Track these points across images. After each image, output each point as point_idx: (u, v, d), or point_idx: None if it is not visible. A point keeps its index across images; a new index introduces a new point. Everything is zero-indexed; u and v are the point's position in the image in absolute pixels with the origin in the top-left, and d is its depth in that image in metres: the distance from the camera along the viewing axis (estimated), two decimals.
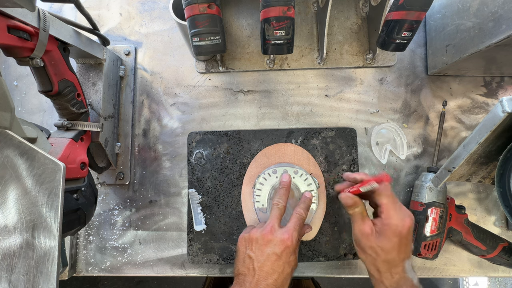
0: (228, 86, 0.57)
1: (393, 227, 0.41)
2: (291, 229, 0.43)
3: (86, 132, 0.45)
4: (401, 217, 0.41)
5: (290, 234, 0.43)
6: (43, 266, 0.28)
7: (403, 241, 0.40)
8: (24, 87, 0.59)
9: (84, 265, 0.55)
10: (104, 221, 0.56)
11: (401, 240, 0.40)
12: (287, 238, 0.42)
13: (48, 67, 0.37)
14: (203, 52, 0.44)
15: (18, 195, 0.28)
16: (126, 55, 0.58)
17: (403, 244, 0.40)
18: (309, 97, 0.57)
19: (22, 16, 0.32)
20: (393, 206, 0.42)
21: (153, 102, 0.58)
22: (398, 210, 0.42)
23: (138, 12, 0.60)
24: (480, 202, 0.55)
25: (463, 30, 0.46)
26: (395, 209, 0.42)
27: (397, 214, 0.41)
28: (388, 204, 0.42)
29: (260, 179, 0.49)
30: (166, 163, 0.56)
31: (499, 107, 0.33)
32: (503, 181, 0.35)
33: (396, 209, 0.42)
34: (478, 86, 0.56)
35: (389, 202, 0.42)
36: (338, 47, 0.57)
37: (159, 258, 0.55)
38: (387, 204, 0.42)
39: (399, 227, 0.40)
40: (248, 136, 0.55)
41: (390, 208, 0.42)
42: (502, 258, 0.50)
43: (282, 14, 0.40)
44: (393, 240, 0.40)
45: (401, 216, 0.41)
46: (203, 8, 0.41)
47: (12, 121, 0.29)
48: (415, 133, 0.56)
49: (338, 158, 0.54)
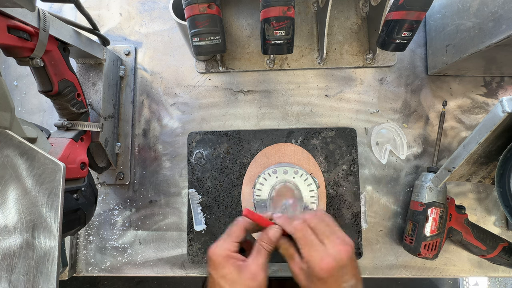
0: (228, 86, 0.57)
1: (311, 270, 0.33)
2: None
3: (86, 132, 0.45)
4: (319, 256, 0.33)
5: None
6: (43, 266, 0.28)
7: (330, 284, 0.33)
8: (24, 87, 0.59)
9: (84, 265, 0.55)
10: (104, 221, 0.56)
11: (326, 284, 0.33)
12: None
13: (48, 67, 0.37)
14: (203, 52, 0.44)
15: (18, 195, 0.28)
16: (126, 55, 0.58)
17: (331, 285, 0.33)
18: (309, 97, 0.57)
19: (22, 16, 0.32)
20: (304, 240, 0.35)
21: (153, 102, 0.58)
22: (312, 246, 0.34)
23: (138, 12, 0.60)
24: (480, 202, 0.55)
25: (463, 30, 0.46)
26: (307, 246, 0.34)
27: (310, 253, 0.34)
28: (300, 242, 0.35)
29: (260, 179, 0.49)
30: (166, 163, 0.56)
31: (499, 107, 0.33)
32: (503, 181, 0.35)
33: (308, 244, 0.34)
34: (478, 86, 0.56)
35: (300, 240, 0.35)
36: (338, 47, 0.57)
37: (159, 258, 0.55)
38: (299, 243, 0.35)
39: (316, 270, 0.33)
40: (248, 136, 0.55)
41: (304, 246, 0.35)
42: (502, 258, 0.50)
43: (282, 14, 0.40)
44: (317, 283, 0.33)
45: (320, 255, 0.33)
46: (203, 8, 0.41)
47: (12, 121, 0.29)
48: (415, 133, 0.56)
49: (338, 158, 0.54)
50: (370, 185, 0.55)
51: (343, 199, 0.54)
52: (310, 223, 0.37)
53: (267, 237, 0.37)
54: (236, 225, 0.38)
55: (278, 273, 0.54)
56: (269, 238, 0.37)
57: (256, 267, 0.35)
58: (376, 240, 0.54)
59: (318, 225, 0.36)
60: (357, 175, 0.54)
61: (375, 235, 0.55)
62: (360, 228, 0.53)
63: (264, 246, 0.36)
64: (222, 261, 0.35)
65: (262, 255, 0.36)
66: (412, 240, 0.50)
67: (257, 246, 0.37)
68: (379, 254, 0.54)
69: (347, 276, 0.34)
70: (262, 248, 0.36)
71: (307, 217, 0.37)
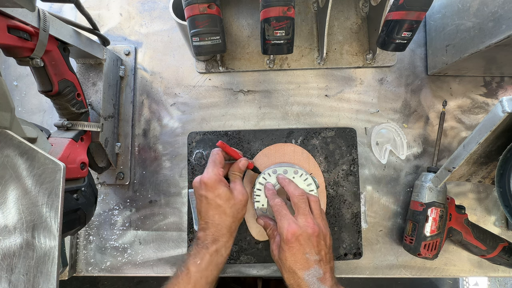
0: (228, 86, 0.57)
1: (281, 236, 0.41)
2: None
3: (86, 132, 0.45)
4: (287, 223, 0.40)
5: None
6: (43, 266, 0.28)
7: (294, 249, 0.39)
8: (24, 87, 0.59)
9: (84, 265, 0.55)
10: (104, 221, 0.56)
11: (291, 248, 0.39)
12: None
13: (48, 67, 0.37)
14: (203, 52, 0.44)
15: (18, 195, 0.28)
16: (126, 55, 0.58)
17: (296, 252, 0.39)
18: (309, 97, 0.57)
19: (22, 16, 0.32)
20: (278, 212, 0.42)
21: (153, 102, 0.58)
22: (283, 216, 0.41)
23: (138, 12, 0.60)
24: (480, 202, 0.55)
25: (463, 30, 0.46)
26: (280, 216, 0.42)
27: (282, 221, 0.41)
28: (276, 214, 0.42)
29: (260, 179, 0.49)
30: (166, 163, 0.56)
31: (499, 107, 0.33)
32: (503, 181, 0.35)
33: (281, 215, 0.42)
34: (478, 86, 0.56)
35: (276, 212, 0.43)
36: (338, 47, 0.57)
37: (159, 258, 0.55)
38: (275, 215, 0.43)
39: (283, 234, 0.40)
40: (248, 136, 0.55)
41: (277, 215, 0.42)
42: (502, 258, 0.50)
43: (282, 14, 0.40)
44: (284, 248, 0.40)
45: (287, 222, 0.40)
46: (203, 8, 0.41)
47: (12, 121, 0.29)
48: (415, 133, 0.56)
49: (338, 158, 0.54)
50: (370, 185, 0.55)
51: (343, 199, 0.54)
52: (294, 199, 0.43)
53: (238, 167, 0.47)
54: (217, 155, 0.46)
55: (278, 273, 0.54)
56: (239, 168, 0.47)
57: (240, 187, 0.46)
58: (376, 240, 0.54)
59: (300, 203, 0.42)
60: (357, 175, 0.54)
61: (375, 235, 0.55)
62: (360, 228, 0.53)
63: (237, 175, 0.47)
64: (216, 183, 0.43)
65: (238, 180, 0.47)
66: (412, 240, 0.50)
67: (232, 175, 0.47)
68: (379, 254, 0.54)
69: (312, 248, 0.39)
70: (236, 175, 0.47)
71: (296, 193, 0.43)
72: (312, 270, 0.38)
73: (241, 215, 0.45)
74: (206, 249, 0.41)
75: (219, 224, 0.43)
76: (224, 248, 0.42)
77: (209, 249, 0.41)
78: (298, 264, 0.39)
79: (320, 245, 0.40)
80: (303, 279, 0.38)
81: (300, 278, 0.38)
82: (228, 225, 0.43)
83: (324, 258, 0.40)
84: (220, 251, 0.42)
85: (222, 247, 0.42)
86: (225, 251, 0.42)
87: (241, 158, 0.48)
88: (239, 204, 0.44)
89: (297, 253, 0.39)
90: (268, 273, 0.54)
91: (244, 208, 0.45)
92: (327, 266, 0.40)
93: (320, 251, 0.40)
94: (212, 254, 0.41)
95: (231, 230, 0.43)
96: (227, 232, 0.43)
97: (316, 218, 0.42)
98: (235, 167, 0.47)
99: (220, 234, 0.42)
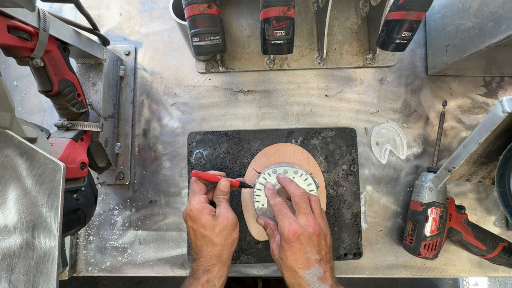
0: (228, 86, 0.57)
1: (281, 236, 0.40)
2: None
3: (86, 132, 0.45)
4: (288, 222, 0.40)
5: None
6: (43, 266, 0.28)
7: (295, 248, 0.39)
8: (24, 87, 0.59)
9: (84, 265, 0.55)
10: (104, 221, 0.56)
11: (292, 247, 0.39)
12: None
13: (48, 67, 0.37)
14: (203, 52, 0.44)
15: (18, 195, 0.28)
16: (126, 55, 0.58)
17: (296, 251, 0.39)
18: (309, 97, 0.57)
19: (22, 16, 0.32)
20: (279, 212, 0.42)
21: (153, 102, 0.58)
22: (284, 215, 0.41)
23: (138, 12, 0.60)
24: (480, 202, 0.55)
25: (463, 30, 0.46)
26: (281, 215, 0.41)
27: (283, 220, 0.41)
28: (277, 213, 0.42)
29: (260, 179, 0.49)
30: (166, 163, 0.56)
31: (499, 107, 0.33)
32: (503, 181, 0.35)
33: (282, 214, 0.41)
34: (478, 86, 0.56)
35: (277, 212, 0.42)
36: (338, 47, 0.57)
37: (159, 258, 0.55)
38: (276, 214, 0.42)
39: (285, 233, 0.40)
40: (248, 136, 0.55)
41: (277, 214, 0.42)
42: (502, 258, 0.50)
43: (282, 14, 0.40)
44: (285, 247, 0.40)
45: (288, 221, 0.40)
46: (203, 8, 0.41)
47: (12, 121, 0.29)
48: (415, 133, 0.56)
49: (338, 158, 0.54)
50: (370, 185, 0.55)
51: (343, 199, 0.54)
52: (295, 198, 0.43)
53: (220, 190, 0.46)
54: (194, 183, 0.46)
55: (278, 273, 0.54)
56: (221, 191, 0.46)
57: (225, 210, 0.44)
58: (376, 240, 0.54)
59: (301, 202, 0.42)
60: (357, 175, 0.54)
61: (375, 235, 0.55)
62: (360, 228, 0.53)
63: (220, 198, 0.46)
64: (198, 213, 0.43)
65: (223, 203, 0.45)
66: (412, 240, 0.50)
67: (217, 200, 0.46)
68: (379, 254, 0.54)
69: (312, 248, 0.39)
70: (219, 199, 0.46)
71: (297, 193, 0.43)
72: (312, 269, 0.38)
73: (231, 240, 0.43)
74: (198, 280, 0.40)
75: (208, 254, 0.42)
76: (217, 278, 0.41)
77: (201, 280, 0.40)
78: (298, 263, 0.39)
79: (321, 245, 0.40)
80: (303, 278, 0.38)
81: (301, 277, 0.38)
82: (217, 254, 0.42)
83: (324, 257, 0.40)
84: (212, 281, 0.41)
85: (214, 277, 0.41)
86: (218, 281, 0.42)
87: (221, 179, 0.46)
88: (225, 231, 0.43)
89: (298, 252, 0.39)
90: (268, 273, 0.54)
91: (233, 231, 0.44)
92: (327, 266, 0.40)
93: (320, 250, 0.40)
94: (204, 285, 0.40)
95: (221, 258, 0.42)
96: (217, 262, 0.42)
97: (316, 217, 0.42)
98: (217, 191, 0.46)
99: (210, 264, 0.42)
